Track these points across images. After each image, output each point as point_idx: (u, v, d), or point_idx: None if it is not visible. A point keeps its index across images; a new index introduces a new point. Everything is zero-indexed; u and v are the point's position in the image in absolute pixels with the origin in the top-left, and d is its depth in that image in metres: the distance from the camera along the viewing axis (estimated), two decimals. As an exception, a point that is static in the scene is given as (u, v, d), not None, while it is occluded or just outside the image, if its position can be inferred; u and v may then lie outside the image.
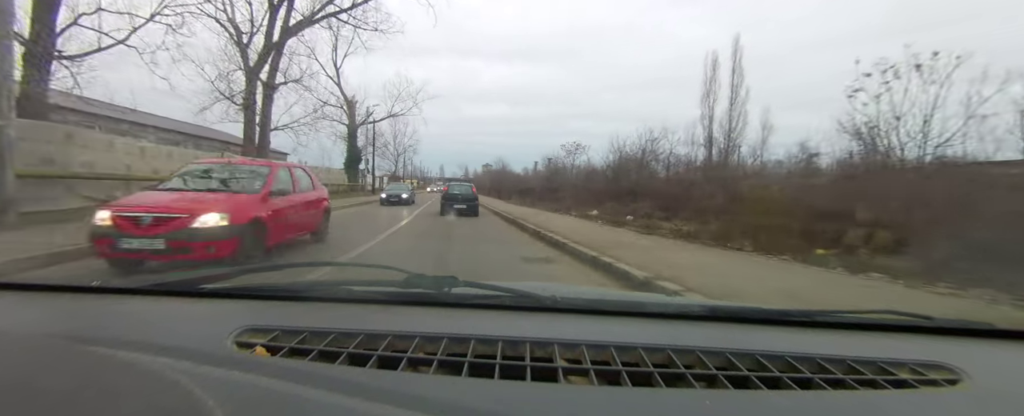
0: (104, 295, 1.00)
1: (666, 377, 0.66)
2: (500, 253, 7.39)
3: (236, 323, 0.78)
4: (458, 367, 0.68)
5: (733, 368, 0.70)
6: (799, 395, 0.64)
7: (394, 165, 59.59)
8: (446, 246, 8.09)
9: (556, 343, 0.76)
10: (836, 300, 4.04)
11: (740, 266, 6.01)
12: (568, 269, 6.11)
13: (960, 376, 0.68)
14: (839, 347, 0.78)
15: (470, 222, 13.32)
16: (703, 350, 0.74)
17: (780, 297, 4.11)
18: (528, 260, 6.66)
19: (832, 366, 0.71)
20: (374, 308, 0.94)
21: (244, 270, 1.07)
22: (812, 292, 4.43)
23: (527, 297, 0.97)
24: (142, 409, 0.46)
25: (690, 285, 4.33)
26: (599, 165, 26.73)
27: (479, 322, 0.89)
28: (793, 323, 0.94)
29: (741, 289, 4.50)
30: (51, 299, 0.99)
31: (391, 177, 49.29)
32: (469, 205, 15.53)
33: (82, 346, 0.65)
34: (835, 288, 4.64)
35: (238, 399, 0.50)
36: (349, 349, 0.72)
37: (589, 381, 0.66)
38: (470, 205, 15.57)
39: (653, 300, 1.19)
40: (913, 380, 0.68)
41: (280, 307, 0.95)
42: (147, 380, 0.53)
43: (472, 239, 9.38)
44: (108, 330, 0.79)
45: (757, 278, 5.15)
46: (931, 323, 0.92)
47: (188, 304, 0.96)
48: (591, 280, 5.35)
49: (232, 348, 0.71)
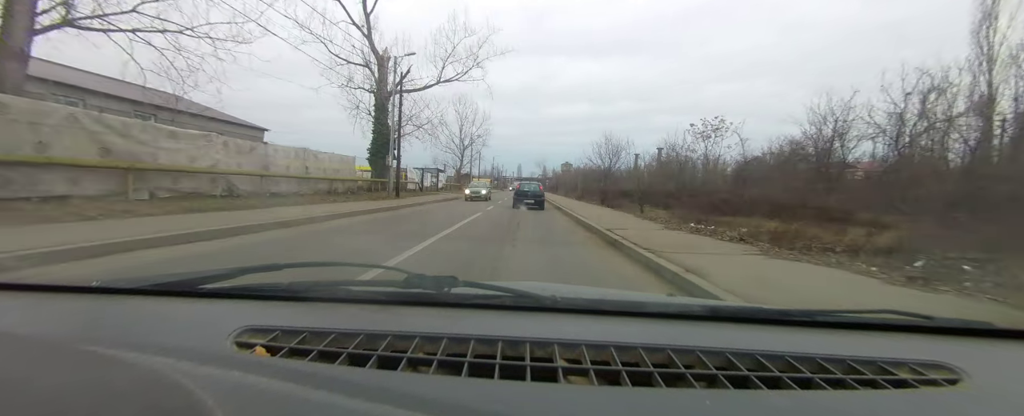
0: (104, 295, 1.00)
1: (666, 377, 0.66)
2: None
3: (236, 323, 0.78)
4: (458, 367, 0.68)
5: (733, 368, 0.70)
6: (799, 395, 0.64)
7: (459, 158, 48.81)
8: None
9: (556, 343, 0.76)
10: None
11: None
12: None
13: (960, 376, 0.68)
14: (839, 347, 0.78)
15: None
16: (703, 350, 0.74)
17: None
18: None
19: (832, 366, 0.71)
20: (374, 308, 0.94)
21: (244, 270, 1.07)
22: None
23: (527, 297, 0.97)
24: (142, 409, 0.46)
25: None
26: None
27: (479, 322, 0.89)
28: (793, 323, 0.94)
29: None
30: (51, 299, 0.99)
31: (458, 176, 45.84)
32: (536, 200, 19.21)
33: (82, 346, 0.65)
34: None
35: (238, 399, 0.50)
36: (349, 349, 0.72)
37: (589, 381, 0.66)
38: (537, 200, 19.21)
39: (653, 300, 1.19)
40: (913, 380, 0.68)
41: (280, 307, 0.95)
42: (147, 380, 0.53)
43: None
44: (108, 330, 0.79)
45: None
46: (931, 323, 0.92)
47: (188, 304, 0.96)
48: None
49: (232, 348, 0.71)
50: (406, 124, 25.26)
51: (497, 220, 12.47)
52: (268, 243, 6.43)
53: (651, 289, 4.40)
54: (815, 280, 4.75)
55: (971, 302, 3.93)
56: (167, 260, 4.81)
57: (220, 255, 5.32)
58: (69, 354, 0.62)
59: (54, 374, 0.53)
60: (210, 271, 1.05)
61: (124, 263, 4.59)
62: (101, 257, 4.74)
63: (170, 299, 0.98)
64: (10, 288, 1.05)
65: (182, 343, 0.71)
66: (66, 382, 0.51)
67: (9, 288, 1.05)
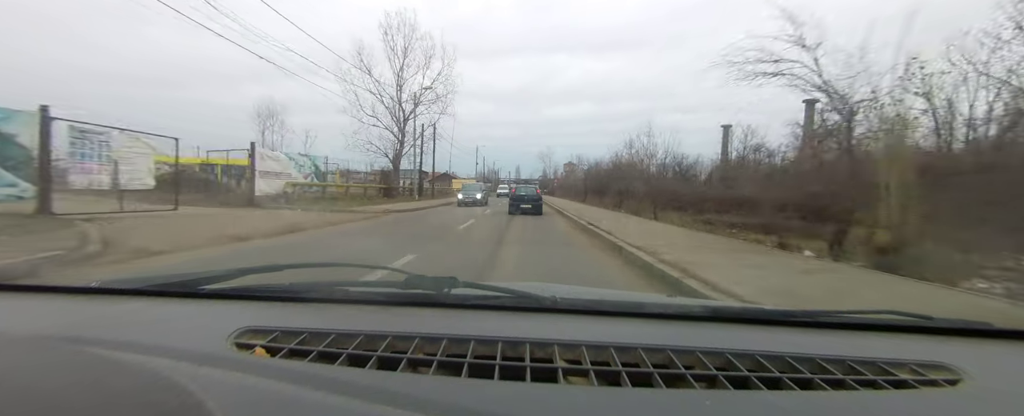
0: (104, 295, 1.00)
1: (666, 378, 0.66)
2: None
3: (236, 324, 0.78)
4: (458, 368, 0.68)
5: (733, 369, 0.70)
6: (799, 395, 0.64)
7: (398, 137, 34.95)
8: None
9: (556, 344, 0.76)
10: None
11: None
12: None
13: (960, 376, 0.68)
14: (839, 347, 0.78)
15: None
16: (703, 351, 0.74)
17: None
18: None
19: (832, 366, 0.71)
20: (374, 309, 0.94)
21: (244, 271, 1.07)
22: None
23: (527, 298, 0.97)
24: (142, 410, 0.46)
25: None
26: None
27: (479, 323, 0.89)
28: (793, 323, 0.94)
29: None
30: (51, 299, 0.99)
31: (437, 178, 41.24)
32: (533, 204, 17.99)
33: (82, 346, 0.65)
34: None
35: (238, 400, 0.50)
36: (349, 350, 0.72)
37: (589, 382, 0.66)
38: (534, 204, 18.03)
39: (653, 300, 1.19)
40: (913, 380, 0.68)
41: (280, 308, 0.95)
42: (147, 381, 0.53)
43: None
44: (108, 330, 0.79)
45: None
46: (931, 323, 0.92)
47: (188, 305, 0.96)
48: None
49: (232, 349, 0.71)
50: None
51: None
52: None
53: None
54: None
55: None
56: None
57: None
58: (69, 355, 0.62)
59: (54, 375, 0.53)
60: (210, 272, 1.05)
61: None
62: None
63: (170, 300, 0.98)
64: (10, 289, 1.05)
65: (182, 344, 0.71)
66: (66, 383, 0.51)
67: (9, 289, 1.05)
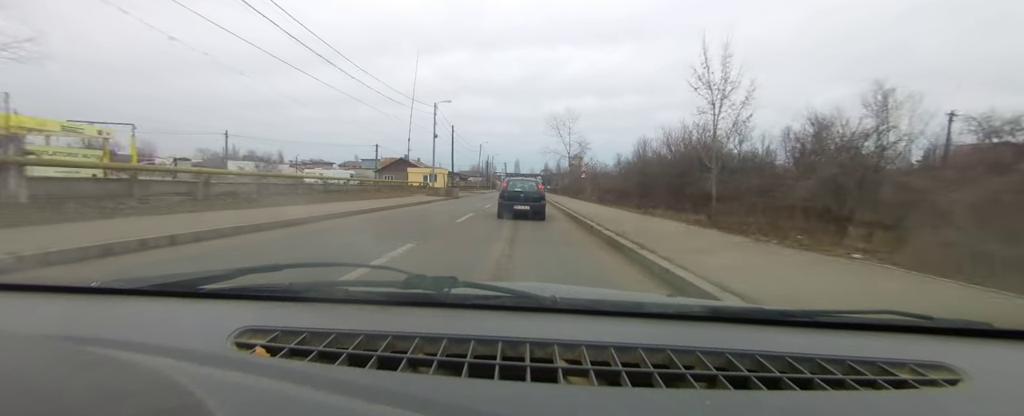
0: (104, 295, 1.00)
1: (666, 378, 0.66)
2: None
3: (236, 324, 0.78)
4: (458, 368, 0.68)
5: (733, 368, 0.70)
6: (799, 395, 0.64)
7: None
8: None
9: (556, 344, 0.76)
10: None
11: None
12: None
13: (960, 376, 0.68)
14: (839, 347, 0.78)
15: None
16: (703, 350, 0.74)
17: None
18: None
19: (832, 366, 0.71)
20: (374, 309, 0.94)
21: (244, 270, 1.07)
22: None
23: (527, 298, 0.97)
24: (142, 409, 0.46)
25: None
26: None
27: (479, 323, 0.89)
28: (793, 323, 0.94)
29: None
30: (51, 299, 0.98)
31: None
32: (533, 207, 12.92)
33: (82, 346, 0.65)
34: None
35: (238, 400, 0.50)
36: (349, 350, 0.72)
37: (589, 382, 0.66)
38: (534, 207, 12.93)
39: (653, 300, 1.19)
40: (913, 380, 0.68)
41: (280, 307, 0.95)
42: (147, 380, 0.53)
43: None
44: (108, 330, 0.79)
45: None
46: (931, 323, 0.92)
47: (188, 304, 0.96)
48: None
49: (232, 349, 0.71)
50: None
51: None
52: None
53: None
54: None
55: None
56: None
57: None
58: (69, 354, 0.62)
59: (54, 374, 0.53)
60: (210, 272, 1.05)
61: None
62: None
63: (170, 299, 0.98)
64: (10, 288, 1.05)
65: (182, 343, 0.71)
66: (66, 382, 0.50)
67: (9, 288, 1.05)
